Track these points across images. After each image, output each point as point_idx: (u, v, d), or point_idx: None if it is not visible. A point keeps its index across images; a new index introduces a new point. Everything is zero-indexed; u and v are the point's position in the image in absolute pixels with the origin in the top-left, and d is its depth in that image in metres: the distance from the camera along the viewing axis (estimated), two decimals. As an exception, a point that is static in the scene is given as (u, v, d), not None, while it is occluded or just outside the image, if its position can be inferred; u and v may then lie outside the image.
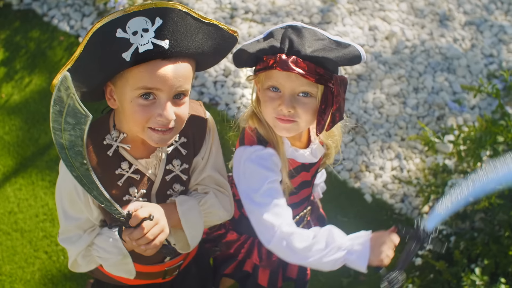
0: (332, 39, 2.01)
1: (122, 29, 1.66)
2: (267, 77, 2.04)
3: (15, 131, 3.80)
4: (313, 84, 1.98)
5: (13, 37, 4.30)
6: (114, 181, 1.95)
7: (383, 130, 3.99)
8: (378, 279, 3.33)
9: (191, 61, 1.81)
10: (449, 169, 3.51)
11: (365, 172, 3.80)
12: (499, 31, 4.69)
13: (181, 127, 1.87)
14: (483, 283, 2.90)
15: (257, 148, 2.15)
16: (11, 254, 3.28)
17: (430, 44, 4.47)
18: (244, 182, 2.13)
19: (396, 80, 4.24)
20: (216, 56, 1.94)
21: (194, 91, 4.02)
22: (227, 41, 1.89)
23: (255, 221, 2.13)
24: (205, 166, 2.13)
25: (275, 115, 2.05)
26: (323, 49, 1.95)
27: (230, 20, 4.43)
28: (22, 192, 3.52)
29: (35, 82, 4.06)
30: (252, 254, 2.47)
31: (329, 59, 1.94)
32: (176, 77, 1.75)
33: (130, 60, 1.68)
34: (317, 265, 2.10)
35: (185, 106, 1.85)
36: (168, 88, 1.75)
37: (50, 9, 4.47)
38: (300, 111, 2.02)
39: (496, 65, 4.43)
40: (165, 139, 1.85)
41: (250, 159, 2.13)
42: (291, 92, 2.01)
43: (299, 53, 1.94)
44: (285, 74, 1.98)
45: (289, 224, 2.09)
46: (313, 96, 2.02)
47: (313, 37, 1.99)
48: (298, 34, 1.98)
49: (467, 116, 4.10)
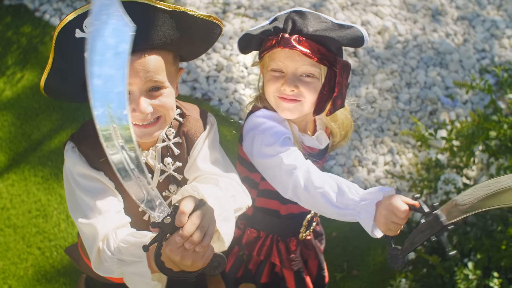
0: (335, 22, 2.04)
1: (79, 29, 1.64)
2: (271, 59, 2.07)
3: (7, 127, 3.79)
4: (315, 64, 2.01)
5: (5, 32, 4.28)
6: None
7: (376, 125, 4.00)
8: (371, 275, 3.36)
9: (162, 52, 1.77)
10: (441, 164, 3.52)
11: (358, 167, 3.81)
12: (491, 26, 4.70)
13: (168, 117, 1.85)
14: (476, 277, 2.91)
15: (265, 110, 2.15)
16: (4, 250, 3.27)
17: (422, 39, 4.47)
18: (257, 142, 2.07)
19: (388, 75, 4.24)
20: (197, 44, 1.90)
21: (186, 86, 4.02)
22: (204, 28, 1.83)
23: (272, 173, 2.03)
24: (197, 157, 2.03)
25: (278, 94, 2.07)
26: (325, 29, 1.99)
27: (223, 15, 4.43)
28: (15, 188, 3.51)
29: (27, 78, 4.04)
30: (272, 253, 2.46)
31: (331, 38, 1.97)
32: (144, 70, 1.72)
33: None
34: (330, 211, 1.96)
35: (164, 97, 1.81)
36: (138, 82, 1.73)
37: (42, 4, 4.45)
38: (304, 90, 2.04)
39: (488, 60, 4.44)
40: (150, 132, 1.83)
41: (261, 116, 2.13)
42: (293, 71, 2.03)
43: (301, 32, 1.98)
44: (287, 54, 2.01)
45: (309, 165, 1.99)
46: (315, 77, 2.04)
47: (316, 19, 2.03)
48: (301, 16, 2.03)
49: (460, 110, 4.11)
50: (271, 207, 2.33)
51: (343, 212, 1.91)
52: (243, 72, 4.11)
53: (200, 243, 1.55)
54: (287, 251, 2.43)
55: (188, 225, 1.53)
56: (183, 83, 4.04)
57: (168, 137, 2.00)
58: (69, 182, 1.92)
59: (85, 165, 1.87)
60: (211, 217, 1.61)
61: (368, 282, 3.33)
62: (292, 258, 2.44)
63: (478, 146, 3.34)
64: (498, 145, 3.26)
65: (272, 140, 2.02)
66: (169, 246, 1.55)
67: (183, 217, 1.53)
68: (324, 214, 1.99)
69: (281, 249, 2.43)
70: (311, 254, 2.54)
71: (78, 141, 1.90)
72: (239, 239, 2.47)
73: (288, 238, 2.43)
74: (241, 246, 2.47)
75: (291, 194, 2.00)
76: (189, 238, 1.53)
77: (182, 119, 2.02)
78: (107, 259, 1.77)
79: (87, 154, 1.88)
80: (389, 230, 1.87)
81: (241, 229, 2.45)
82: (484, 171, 3.55)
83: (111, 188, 1.90)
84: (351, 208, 1.89)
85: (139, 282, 1.75)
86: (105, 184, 1.88)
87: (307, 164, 1.99)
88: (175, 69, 1.86)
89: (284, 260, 2.44)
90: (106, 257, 1.77)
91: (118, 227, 1.82)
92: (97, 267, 1.83)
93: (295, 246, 2.45)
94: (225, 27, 4.31)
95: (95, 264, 1.83)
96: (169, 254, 1.56)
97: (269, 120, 2.10)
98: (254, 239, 2.45)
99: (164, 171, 2.01)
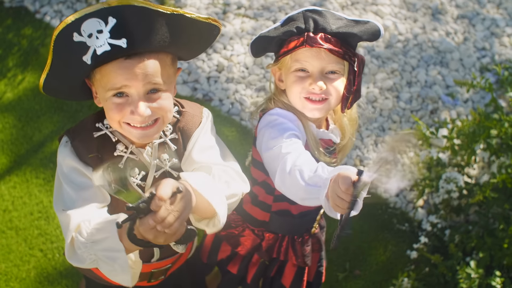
0: (350, 19, 2.08)
1: (77, 32, 1.65)
2: (294, 60, 2.08)
3: (9, 129, 3.79)
4: (340, 61, 2.05)
5: (6, 34, 4.28)
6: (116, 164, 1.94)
7: (377, 124, 4.00)
8: (373, 274, 3.36)
9: (160, 55, 1.77)
10: (443, 162, 3.52)
11: (359, 166, 3.81)
12: (491, 24, 4.70)
13: (166, 119, 1.86)
14: (478, 276, 2.91)
15: (278, 109, 2.16)
16: (6, 252, 3.27)
17: (422, 38, 4.47)
18: (266, 136, 2.07)
19: (389, 74, 4.25)
20: (195, 45, 1.91)
21: (187, 87, 4.02)
22: (202, 30, 1.84)
23: (273, 166, 2.00)
24: (192, 150, 2.02)
25: (304, 94, 2.08)
26: (346, 26, 2.03)
27: (223, 15, 4.43)
28: (17, 190, 3.51)
29: (28, 80, 4.04)
30: (288, 253, 2.46)
31: (354, 34, 2.01)
32: (142, 73, 1.72)
33: (91, 63, 1.68)
34: (300, 191, 1.89)
35: (163, 99, 1.81)
36: (137, 85, 1.74)
37: (43, 6, 4.45)
38: (331, 88, 2.07)
39: (488, 58, 4.44)
40: (149, 134, 1.84)
41: (274, 113, 2.14)
42: (320, 70, 2.06)
43: (325, 30, 2.01)
44: (313, 53, 2.03)
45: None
46: (340, 73, 2.07)
47: (333, 17, 2.06)
48: (320, 15, 2.05)
49: (461, 109, 4.11)
50: (284, 208, 2.34)
51: (310, 189, 1.83)
52: (243, 72, 4.11)
53: (170, 227, 1.58)
54: (302, 248, 2.44)
55: (162, 210, 1.56)
56: (184, 83, 4.05)
57: (165, 134, 2.00)
58: (57, 175, 1.94)
59: (75, 159, 1.89)
60: (187, 202, 1.63)
61: (370, 281, 3.34)
62: (306, 254, 2.45)
63: (479, 145, 3.34)
64: (499, 143, 3.26)
65: (278, 134, 2.03)
66: (143, 226, 1.59)
67: (158, 203, 1.56)
68: (295, 196, 1.93)
69: (297, 248, 2.43)
70: (316, 247, 2.54)
71: (72, 136, 1.91)
72: (258, 246, 2.46)
73: (302, 236, 2.44)
74: (262, 254, 2.47)
75: (278, 180, 1.95)
76: (161, 222, 1.57)
77: (179, 116, 2.02)
78: (80, 246, 1.79)
79: (78, 148, 1.89)
80: (336, 206, 1.74)
81: (259, 236, 2.43)
82: (486, 169, 3.55)
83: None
84: (318, 185, 1.81)
85: (112, 262, 1.77)
86: (91, 180, 1.90)
87: (301, 151, 1.96)
88: (173, 70, 1.87)
89: (299, 257, 2.45)
90: (79, 244, 1.78)
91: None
92: (70, 256, 1.85)
93: (307, 241, 2.45)
94: (225, 28, 4.31)
95: (68, 253, 1.84)
96: (142, 233, 1.61)
97: (281, 117, 2.11)
98: (273, 242, 2.44)
99: (161, 167, 2.01)
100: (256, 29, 4.33)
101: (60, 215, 1.88)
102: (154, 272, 2.25)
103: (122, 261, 1.75)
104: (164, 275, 2.31)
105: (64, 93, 1.94)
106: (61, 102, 3.92)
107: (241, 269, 2.50)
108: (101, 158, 1.88)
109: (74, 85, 1.83)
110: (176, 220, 1.59)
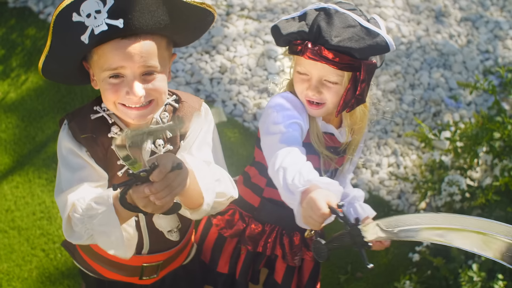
0: (364, 26, 2.04)
1: (76, 13, 1.69)
2: (297, 62, 2.13)
3: (12, 129, 3.80)
4: (339, 72, 2.05)
5: (9, 34, 4.29)
6: (109, 145, 1.97)
7: (380, 127, 4.00)
8: (375, 276, 3.36)
9: (156, 37, 1.81)
10: (445, 165, 3.52)
11: (361, 169, 3.81)
12: (494, 27, 4.70)
13: (161, 101, 1.89)
14: (481, 279, 2.90)
15: (290, 94, 2.19)
16: (8, 252, 3.27)
17: (426, 40, 4.47)
18: (269, 119, 2.11)
19: (392, 76, 4.24)
20: (190, 30, 1.94)
21: (190, 88, 4.02)
22: (197, 15, 1.87)
23: (269, 151, 2.04)
24: (191, 147, 2.06)
25: (304, 97, 2.13)
26: (349, 39, 2.00)
27: (226, 17, 4.43)
28: (19, 190, 3.52)
29: (32, 80, 4.05)
30: (275, 247, 2.45)
31: (354, 49, 1.99)
32: (138, 54, 1.76)
33: (88, 42, 1.71)
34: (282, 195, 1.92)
35: (157, 81, 1.85)
36: (132, 66, 1.77)
37: (46, 7, 4.46)
38: (328, 95, 2.10)
39: (492, 61, 4.44)
40: (144, 114, 1.87)
41: (284, 97, 2.16)
42: (318, 78, 2.09)
43: (326, 43, 2.00)
44: (312, 62, 2.05)
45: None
46: (339, 83, 2.08)
47: (343, 24, 2.02)
48: (328, 21, 2.02)
49: (464, 112, 4.11)
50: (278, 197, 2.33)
51: (287, 195, 1.86)
52: (246, 74, 4.11)
53: (162, 199, 1.64)
54: (290, 245, 2.43)
55: (159, 183, 1.62)
56: (187, 85, 4.05)
57: (162, 120, 2.03)
58: (58, 164, 1.99)
59: (70, 140, 1.93)
60: (183, 180, 1.70)
61: (372, 284, 3.33)
62: (295, 252, 2.44)
63: (482, 147, 3.33)
64: (502, 146, 3.26)
65: (281, 120, 2.06)
66: (136, 193, 1.65)
67: (159, 175, 1.61)
68: (280, 194, 1.94)
69: (284, 243, 2.43)
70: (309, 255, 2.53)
71: (71, 118, 1.96)
72: (241, 232, 2.45)
73: (293, 232, 2.43)
74: (244, 240, 2.45)
75: (270, 172, 1.98)
76: (155, 194, 1.63)
77: (177, 105, 2.05)
78: (77, 223, 1.84)
79: (73, 129, 1.93)
80: (309, 223, 1.78)
81: (245, 222, 2.43)
82: (488, 172, 3.54)
83: (91, 164, 1.95)
84: (293, 193, 1.83)
85: (108, 235, 1.83)
86: (85, 160, 1.94)
87: (294, 147, 1.97)
88: (168, 54, 1.90)
89: (287, 253, 2.44)
90: (76, 220, 1.84)
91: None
92: (68, 235, 1.90)
93: (298, 241, 2.44)
94: (228, 29, 4.32)
95: (67, 232, 1.90)
96: (134, 199, 1.68)
97: (289, 103, 2.14)
98: (258, 234, 2.43)
99: (155, 153, 2.03)
100: (259, 31, 4.33)
101: (58, 198, 1.94)
102: (145, 266, 2.23)
103: (118, 233, 1.83)
104: (156, 273, 2.29)
105: (62, 76, 1.97)
106: (64, 103, 3.93)
107: (231, 266, 2.50)
108: (95, 138, 1.92)
109: (71, 67, 1.87)
110: (169, 195, 1.65)
